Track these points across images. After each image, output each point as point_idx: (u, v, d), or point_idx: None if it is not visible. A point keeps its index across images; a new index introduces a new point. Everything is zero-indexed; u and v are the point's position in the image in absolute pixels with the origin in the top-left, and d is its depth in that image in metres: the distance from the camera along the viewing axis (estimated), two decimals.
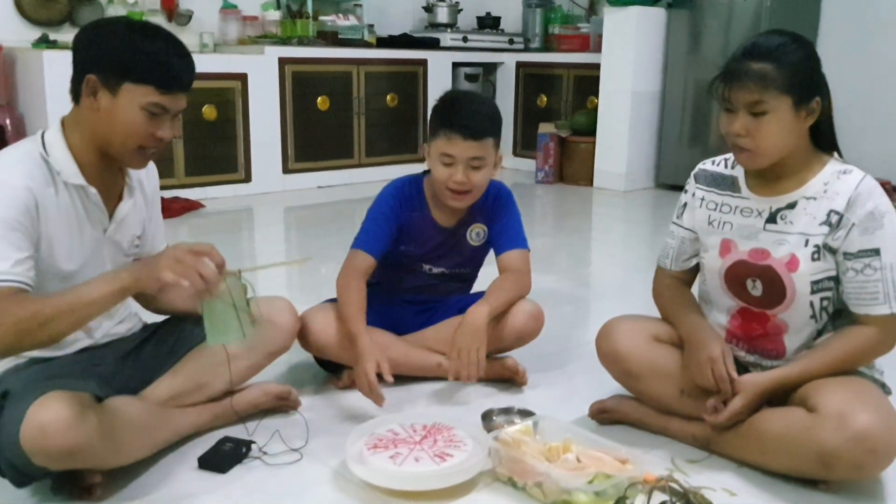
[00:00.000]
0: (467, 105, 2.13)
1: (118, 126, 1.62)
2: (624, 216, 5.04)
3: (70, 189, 1.66)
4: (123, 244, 1.81)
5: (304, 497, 1.65)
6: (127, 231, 1.81)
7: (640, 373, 1.88)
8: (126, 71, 1.59)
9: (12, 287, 1.52)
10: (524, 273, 2.24)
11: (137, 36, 1.61)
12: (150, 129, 1.63)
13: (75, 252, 1.68)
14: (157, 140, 1.66)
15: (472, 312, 2.11)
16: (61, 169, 1.64)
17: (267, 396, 2.00)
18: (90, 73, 1.60)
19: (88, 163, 1.68)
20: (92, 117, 1.63)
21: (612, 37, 5.49)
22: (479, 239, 2.28)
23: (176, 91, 1.65)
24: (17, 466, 1.50)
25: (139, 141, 1.64)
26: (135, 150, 1.66)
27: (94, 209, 1.71)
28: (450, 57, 6.11)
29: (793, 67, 1.63)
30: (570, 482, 1.56)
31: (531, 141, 6.15)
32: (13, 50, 4.53)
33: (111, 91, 1.60)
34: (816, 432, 1.57)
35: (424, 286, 2.31)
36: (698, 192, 1.90)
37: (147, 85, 1.60)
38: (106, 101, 1.61)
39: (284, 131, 5.29)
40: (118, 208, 1.77)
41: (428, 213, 2.24)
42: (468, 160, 2.09)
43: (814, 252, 1.70)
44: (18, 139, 3.58)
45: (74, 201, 1.67)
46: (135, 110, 1.61)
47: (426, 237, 2.24)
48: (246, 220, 4.75)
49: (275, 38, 5.42)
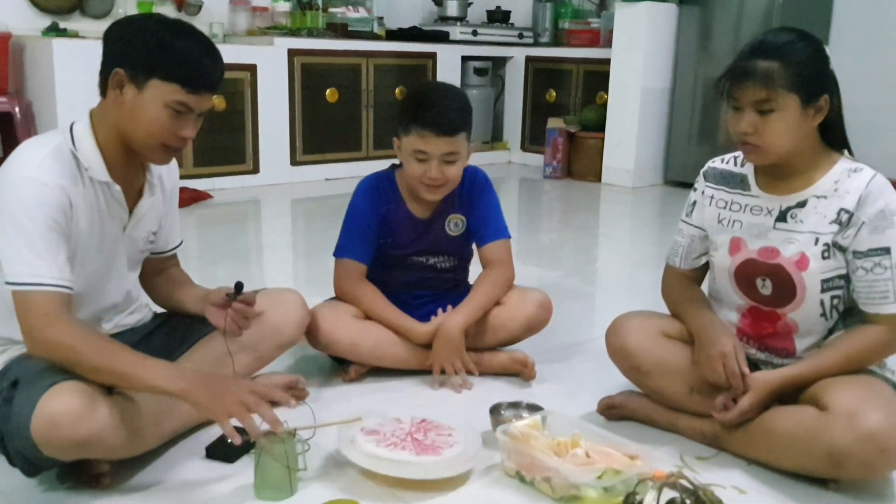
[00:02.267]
0: (439, 100, 2.08)
1: (141, 122, 1.61)
2: (632, 213, 5.02)
3: (95, 185, 1.65)
4: (139, 241, 1.81)
5: (311, 487, 1.65)
6: (144, 228, 1.80)
7: (650, 369, 1.87)
8: (154, 67, 1.57)
9: (64, 294, 1.53)
10: (506, 264, 2.24)
11: (169, 33, 1.59)
12: (173, 127, 1.62)
13: (93, 249, 1.68)
14: (180, 139, 1.64)
15: (447, 325, 2.12)
16: (89, 165, 1.63)
17: (276, 387, 1.99)
18: (118, 66, 1.59)
19: (113, 158, 1.67)
20: (116, 111, 1.62)
21: (623, 32, 5.47)
22: (457, 229, 2.26)
23: (203, 91, 1.62)
24: (28, 457, 1.50)
25: (161, 139, 1.63)
26: (157, 147, 1.64)
27: (116, 206, 1.70)
28: (459, 50, 6.10)
29: (800, 65, 1.62)
30: (580, 477, 1.55)
31: (539, 136, 6.13)
32: (23, 38, 4.52)
33: (137, 86, 1.59)
34: (827, 431, 1.56)
35: (416, 282, 2.29)
36: (708, 190, 1.89)
37: (174, 83, 1.58)
38: (131, 95, 1.60)
39: (293, 123, 5.29)
40: (138, 205, 1.76)
41: (403, 205, 2.23)
42: (442, 156, 2.07)
43: (824, 250, 1.69)
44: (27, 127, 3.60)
45: (98, 197, 1.66)
46: (159, 107, 1.59)
47: (404, 230, 2.23)
48: (253, 212, 4.75)
49: (284, 30, 5.42)
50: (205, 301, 1.88)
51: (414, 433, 1.74)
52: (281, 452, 1.58)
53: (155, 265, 1.96)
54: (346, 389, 2.15)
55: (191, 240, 3.45)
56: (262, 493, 1.60)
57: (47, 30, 4.58)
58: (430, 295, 2.29)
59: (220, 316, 1.84)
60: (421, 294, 2.29)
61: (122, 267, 1.80)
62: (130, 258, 1.81)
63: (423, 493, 1.62)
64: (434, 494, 1.63)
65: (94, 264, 1.70)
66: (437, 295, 2.29)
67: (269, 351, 1.96)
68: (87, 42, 4.41)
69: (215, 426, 1.85)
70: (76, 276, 1.62)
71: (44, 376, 1.52)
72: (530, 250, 3.79)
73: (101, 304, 1.78)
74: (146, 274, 1.97)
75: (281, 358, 2.08)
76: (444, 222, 2.25)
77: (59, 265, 1.53)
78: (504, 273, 2.24)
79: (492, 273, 2.23)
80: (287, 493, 1.60)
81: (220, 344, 1.83)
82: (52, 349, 1.52)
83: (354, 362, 2.18)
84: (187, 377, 1.56)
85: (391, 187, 2.23)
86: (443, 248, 2.28)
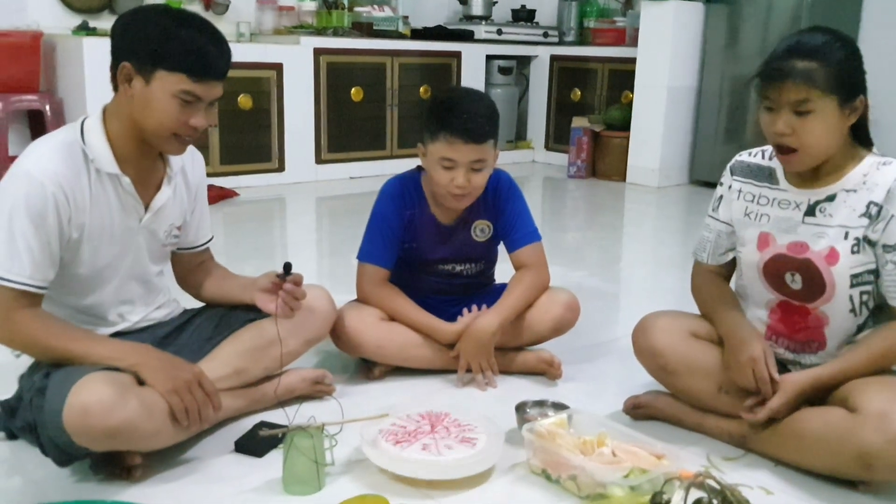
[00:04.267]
0: (468, 107, 2.05)
1: (151, 113, 1.62)
2: (656, 212, 5.00)
3: (104, 178, 1.67)
4: (160, 233, 1.82)
5: (339, 482, 1.66)
6: (164, 221, 1.81)
7: (677, 369, 1.86)
8: (159, 58, 1.59)
9: (30, 291, 1.58)
10: (541, 267, 2.23)
11: (171, 23, 1.60)
12: (182, 117, 1.63)
13: (105, 240, 1.69)
14: (191, 128, 1.65)
15: (479, 324, 2.12)
16: (95, 157, 1.65)
17: (304, 382, 2.01)
18: (125, 60, 1.61)
19: (126, 151, 1.68)
20: (127, 105, 1.64)
21: (649, 31, 5.44)
22: (483, 235, 2.24)
23: (209, 79, 1.63)
24: (60, 446, 1.53)
25: (172, 129, 1.64)
26: (169, 137, 1.66)
27: (128, 198, 1.71)
28: (484, 49, 6.10)
29: (839, 66, 1.61)
30: (606, 476, 1.55)
31: (564, 135, 6.11)
32: (53, 36, 4.59)
33: (144, 78, 1.61)
34: (857, 432, 1.55)
35: (443, 288, 2.28)
36: (735, 183, 1.87)
37: (179, 73, 1.59)
38: (139, 88, 1.61)
39: (318, 122, 5.31)
40: (155, 198, 1.77)
41: (428, 210, 2.21)
42: (469, 163, 2.05)
43: (853, 245, 1.68)
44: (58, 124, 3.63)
45: (108, 190, 1.68)
46: (167, 98, 1.60)
47: (428, 235, 2.21)
48: (278, 210, 4.78)
49: (310, 29, 5.44)
50: (252, 288, 1.90)
51: (436, 431, 1.75)
52: (309, 447, 1.59)
53: (189, 260, 1.98)
54: (371, 386, 2.16)
55: (218, 237, 3.47)
56: (291, 487, 1.62)
57: (77, 29, 4.65)
58: (456, 299, 2.28)
59: (269, 300, 1.85)
60: (448, 299, 2.29)
61: (142, 259, 1.80)
62: (151, 250, 1.82)
63: (450, 490, 1.63)
64: (460, 491, 1.63)
65: (108, 255, 1.71)
66: (464, 298, 2.28)
67: (297, 346, 1.96)
68: None
69: (245, 420, 1.88)
70: (86, 264, 1.67)
71: (76, 368, 1.55)
72: (554, 250, 3.78)
73: (122, 295, 1.79)
74: (183, 271, 1.99)
75: (306, 355, 2.09)
76: (471, 228, 2.23)
77: (34, 263, 1.57)
78: (539, 276, 2.22)
79: (526, 275, 2.21)
80: (315, 488, 1.62)
81: (249, 339, 1.86)
82: (11, 339, 1.63)
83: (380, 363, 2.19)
84: (141, 353, 1.63)
85: (416, 191, 2.21)
86: (469, 255, 2.26)
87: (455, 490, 1.63)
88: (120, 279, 1.77)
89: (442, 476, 1.63)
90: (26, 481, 1.64)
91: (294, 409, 1.92)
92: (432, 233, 2.22)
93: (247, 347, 1.86)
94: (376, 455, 1.67)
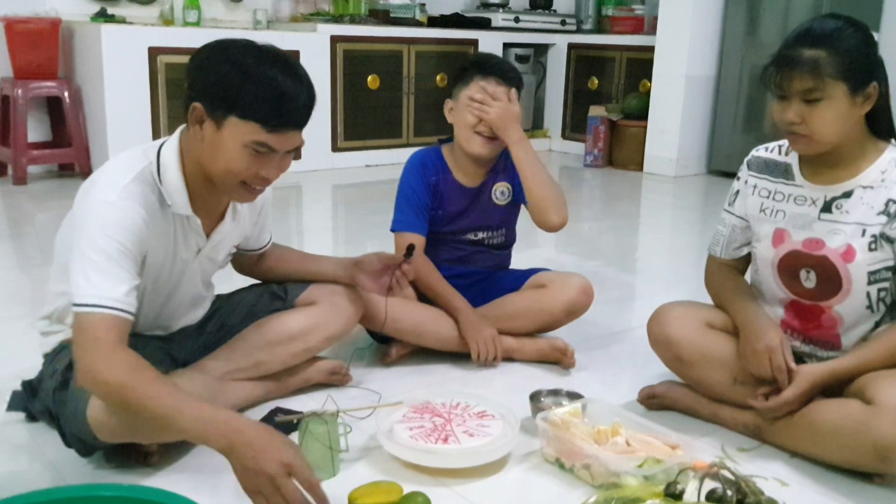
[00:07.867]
0: (500, 58, 2.32)
1: (220, 161, 1.51)
2: (673, 202, 4.97)
3: (173, 216, 1.60)
4: (219, 258, 1.81)
5: (353, 468, 1.67)
6: (223, 248, 1.79)
7: (692, 359, 1.86)
8: (231, 104, 1.46)
9: (121, 318, 1.44)
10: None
11: (252, 63, 1.46)
12: (253, 167, 1.51)
13: (163, 273, 1.66)
14: (263, 179, 1.54)
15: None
16: (173, 200, 1.57)
17: (320, 372, 2.02)
18: (197, 100, 1.49)
19: (197, 189, 1.60)
20: (197, 145, 1.53)
21: (668, 19, 5.40)
22: (504, 198, 2.31)
23: (286, 130, 1.49)
24: (83, 439, 1.55)
25: (241, 178, 1.53)
26: (237, 186, 1.55)
27: (193, 234, 1.67)
28: (501, 37, 6.07)
29: (849, 53, 1.59)
30: (620, 465, 1.55)
31: (581, 124, 6.09)
32: (72, 23, 4.61)
33: (216, 123, 1.48)
34: (873, 425, 1.54)
35: (460, 258, 2.33)
36: (751, 179, 1.86)
37: (253, 122, 1.46)
38: (210, 132, 1.50)
39: (334, 109, 5.31)
40: (217, 230, 1.71)
41: (450, 175, 2.29)
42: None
43: (871, 242, 1.66)
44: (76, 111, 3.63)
45: (175, 225, 1.62)
46: (238, 147, 1.48)
47: (453, 199, 2.29)
48: (294, 197, 4.79)
49: (327, 16, 5.44)
50: (351, 268, 1.94)
51: (451, 420, 1.75)
52: (324, 433, 1.60)
53: (249, 258, 1.99)
54: (386, 374, 2.17)
55: None
56: None
57: (96, 15, 4.66)
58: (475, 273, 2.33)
59: (373, 281, 1.93)
60: (463, 272, 2.31)
61: (195, 284, 1.79)
62: (205, 272, 1.80)
63: (464, 478, 1.63)
64: (474, 479, 1.64)
65: (160, 285, 1.68)
66: (482, 275, 2.32)
67: (318, 342, 1.95)
68: (135, 28, 4.48)
69: (261, 408, 1.89)
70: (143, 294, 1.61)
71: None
72: (570, 239, 3.77)
73: (167, 315, 1.79)
74: (245, 267, 2.01)
75: None
76: (492, 191, 2.30)
77: (124, 290, 1.45)
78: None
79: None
80: (329, 474, 1.63)
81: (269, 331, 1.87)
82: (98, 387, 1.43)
83: (395, 340, 2.20)
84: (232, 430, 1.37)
85: (439, 160, 2.31)
86: (492, 221, 2.33)
87: (469, 478, 1.64)
88: (166, 303, 1.76)
89: (456, 464, 1.64)
90: (45, 464, 1.66)
91: (312, 396, 1.94)
92: (457, 196, 2.28)
93: (266, 341, 1.87)
94: (391, 444, 1.67)
